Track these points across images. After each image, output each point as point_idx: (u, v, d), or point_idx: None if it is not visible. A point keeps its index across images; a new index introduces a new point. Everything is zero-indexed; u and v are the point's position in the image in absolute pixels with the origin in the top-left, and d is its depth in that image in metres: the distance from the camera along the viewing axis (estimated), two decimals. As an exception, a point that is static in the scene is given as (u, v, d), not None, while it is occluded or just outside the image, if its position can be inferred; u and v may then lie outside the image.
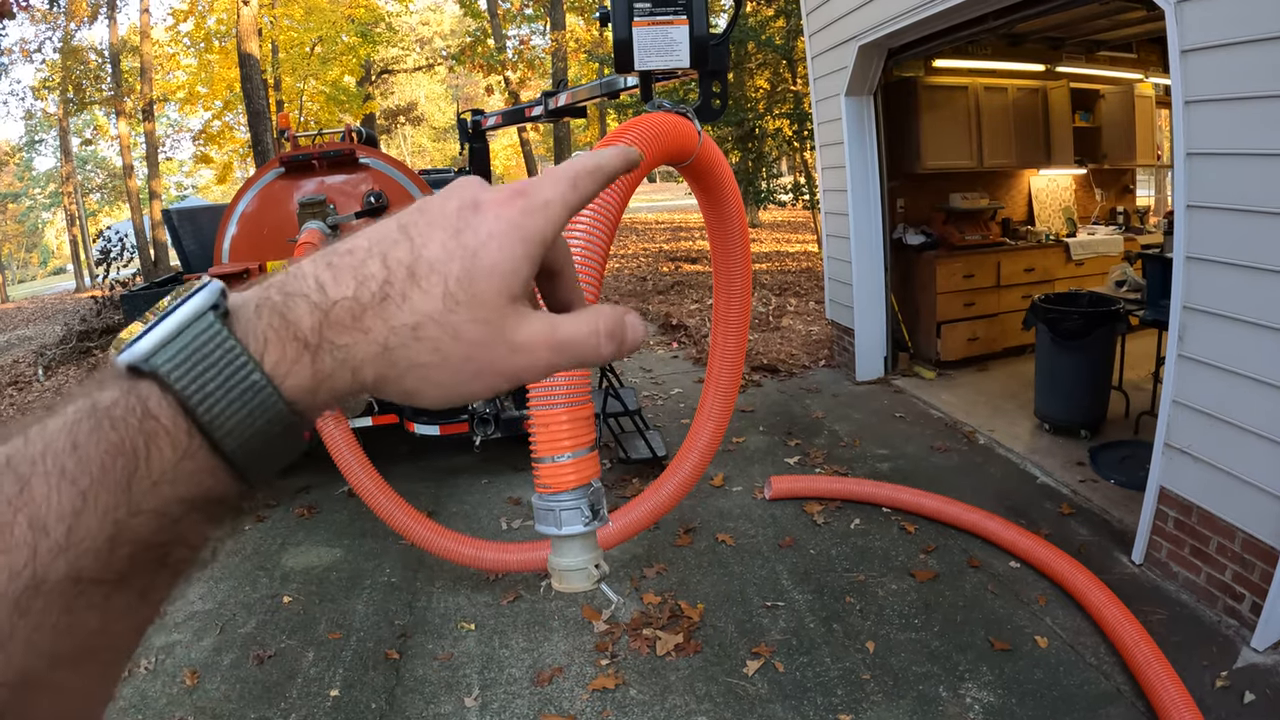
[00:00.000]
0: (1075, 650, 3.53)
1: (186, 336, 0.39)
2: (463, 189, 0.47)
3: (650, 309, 11.73)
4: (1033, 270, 7.74)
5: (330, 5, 25.26)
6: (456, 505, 5.41)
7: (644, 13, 2.12)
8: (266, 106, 15.33)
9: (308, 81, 24.87)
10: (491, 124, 5.29)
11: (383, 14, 26.89)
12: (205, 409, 0.38)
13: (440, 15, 40.90)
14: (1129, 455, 5.22)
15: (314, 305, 0.41)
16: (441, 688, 3.62)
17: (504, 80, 24.84)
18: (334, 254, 0.44)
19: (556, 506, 1.57)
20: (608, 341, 0.48)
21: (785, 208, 17.47)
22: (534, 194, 0.47)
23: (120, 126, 28.19)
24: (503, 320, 0.44)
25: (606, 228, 1.66)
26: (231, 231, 5.18)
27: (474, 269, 0.44)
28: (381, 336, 0.42)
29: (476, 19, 27.49)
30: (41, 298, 31.21)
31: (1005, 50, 7.70)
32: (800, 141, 13.41)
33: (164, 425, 0.37)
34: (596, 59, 19.66)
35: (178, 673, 3.85)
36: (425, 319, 0.42)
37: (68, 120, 33.04)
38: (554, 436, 1.56)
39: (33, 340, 16.88)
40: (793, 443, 6.07)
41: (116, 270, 16.31)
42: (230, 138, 26.76)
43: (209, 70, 25.35)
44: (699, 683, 3.52)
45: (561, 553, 1.60)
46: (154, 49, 25.94)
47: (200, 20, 24.88)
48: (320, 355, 0.41)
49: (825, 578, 4.24)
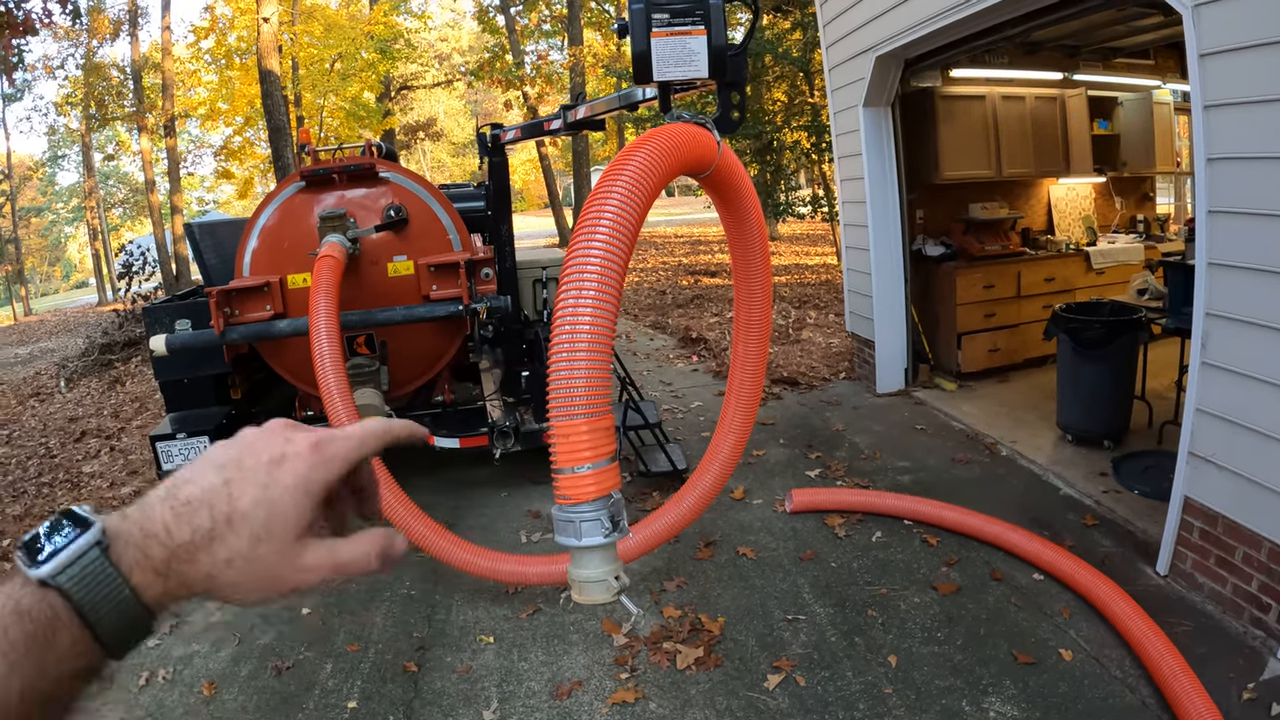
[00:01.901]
0: (1100, 663, 3.49)
1: (82, 564, 0.56)
2: (271, 439, 0.66)
3: (670, 322, 11.73)
4: (1053, 280, 7.69)
5: (350, 22, 25.48)
6: (475, 518, 5.41)
7: (662, 23, 2.12)
8: (287, 122, 15.43)
9: (328, 97, 25.04)
10: (511, 138, 5.31)
11: (402, 30, 27.07)
12: (93, 614, 0.56)
13: (459, 31, 41.22)
14: (1152, 465, 5.17)
15: (163, 545, 0.60)
16: (460, 700, 3.61)
17: (522, 95, 24.96)
18: (175, 500, 0.62)
19: (576, 518, 1.57)
20: (377, 559, 0.68)
21: (804, 220, 17.45)
22: (326, 449, 0.67)
23: (142, 142, 28.53)
24: (293, 551, 0.64)
25: (624, 243, 1.66)
26: (252, 245, 5.20)
27: (272, 516, 0.63)
28: (207, 566, 0.61)
29: (495, 35, 27.70)
30: (64, 311, 31.54)
31: (1022, 59, 7.67)
32: (818, 153, 13.40)
33: (64, 623, 0.55)
34: (614, 73, 19.74)
35: (195, 683, 3.87)
36: (237, 555, 0.61)
37: (90, 136, 33.45)
38: (574, 447, 1.56)
39: (55, 352, 17.04)
40: (813, 455, 6.04)
41: (138, 284, 16.44)
42: (251, 153, 26.98)
43: (230, 86, 25.56)
44: (719, 697, 3.50)
45: (581, 564, 1.60)
46: (175, 65, 26.23)
47: (221, 37, 25.12)
48: (168, 578, 0.60)
49: (847, 591, 4.21)
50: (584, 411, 1.55)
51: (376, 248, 5.20)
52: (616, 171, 1.73)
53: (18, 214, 39.30)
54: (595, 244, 1.62)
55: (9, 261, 36.50)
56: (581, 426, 1.55)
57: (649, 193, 1.74)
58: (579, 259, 1.61)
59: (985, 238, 7.72)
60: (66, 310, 31.81)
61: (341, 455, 0.68)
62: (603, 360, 1.57)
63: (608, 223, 1.65)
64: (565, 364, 1.55)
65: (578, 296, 1.58)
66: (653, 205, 1.83)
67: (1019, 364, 7.65)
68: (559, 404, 1.56)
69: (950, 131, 7.32)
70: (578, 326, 1.56)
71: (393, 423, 0.74)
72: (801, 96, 13.92)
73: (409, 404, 5.79)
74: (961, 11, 5.16)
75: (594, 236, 1.63)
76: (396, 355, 5.34)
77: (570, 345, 1.56)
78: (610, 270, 1.61)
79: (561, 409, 1.56)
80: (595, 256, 1.61)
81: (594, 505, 1.55)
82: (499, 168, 5.66)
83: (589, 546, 1.56)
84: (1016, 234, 8.02)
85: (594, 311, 1.57)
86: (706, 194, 2.43)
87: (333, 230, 4.81)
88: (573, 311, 1.57)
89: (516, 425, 5.27)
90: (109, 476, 7.18)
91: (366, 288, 5.15)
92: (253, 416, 5.84)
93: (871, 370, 7.53)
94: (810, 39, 12.33)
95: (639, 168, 1.74)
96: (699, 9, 2.12)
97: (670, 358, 9.80)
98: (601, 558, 1.57)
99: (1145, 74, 8.26)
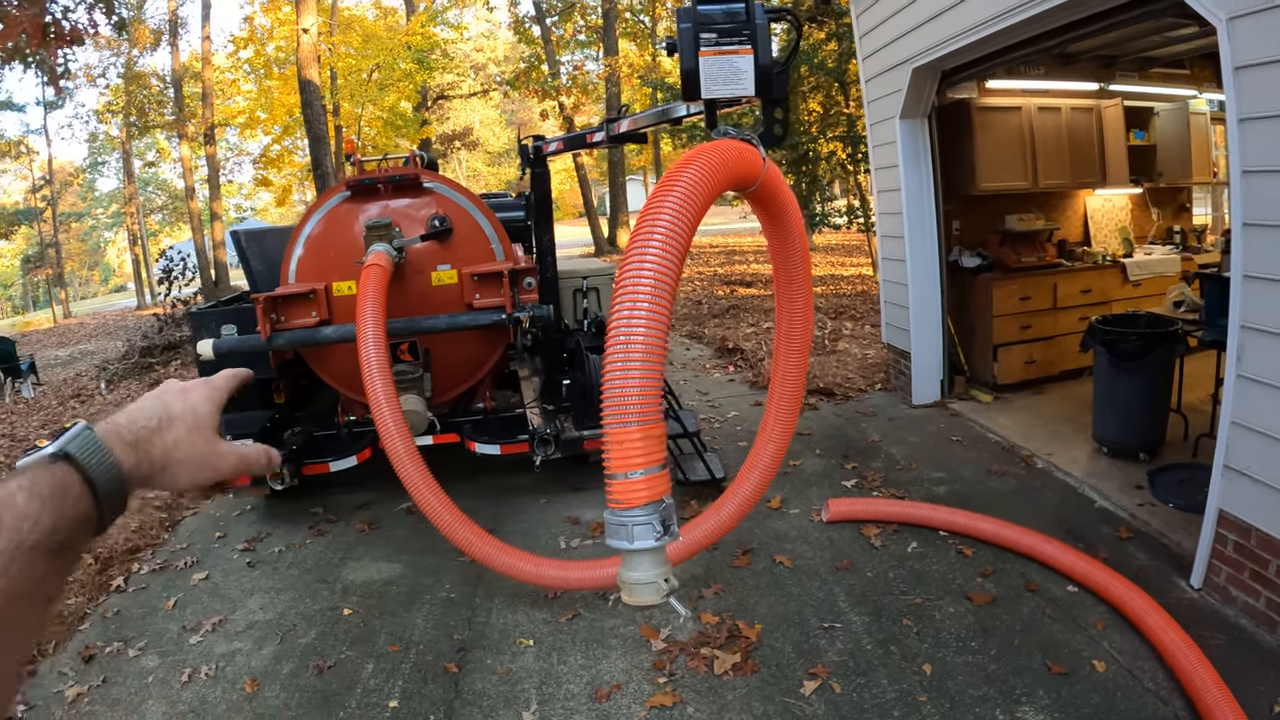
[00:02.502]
0: (1133, 675, 3.49)
1: (81, 440, 0.77)
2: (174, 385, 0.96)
3: (706, 332, 11.75)
4: (1089, 292, 7.66)
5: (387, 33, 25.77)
6: (515, 524, 5.48)
7: (710, 43, 2.18)
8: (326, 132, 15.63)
9: (365, 107, 25.32)
10: (553, 149, 5.38)
11: (438, 41, 27.33)
12: (93, 472, 0.76)
13: (494, 42, 41.53)
14: (1188, 478, 5.15)
15: (131, 431, 0.84)
16: (500, 702, 3.67)
17: (558, 105, 25.12)
18: (130, 411, 0.88)
19: (629, 521, 1.62)
20: (264, 455, 1.01)
21: (839, 231, 17.43)
22: (213, 382, 0.98)
23: (182, 150, 28.95)
24: (214, 442, 0.92)
25: (677, 255, 1.71)
26: (298, 253, 5.30)
27: (197, 416, 0.92)
28: (161, 446, 0.87)
29: (530, 45, 27.90)
30: (103, 314, 31.96)
31: (1058, 70, 7.65)
32: (854, 164, 13.39)
33: (74, 481, 0.74)
34: (649, 84, 19.83)
35: (238, 680, 3.95)
36: (181, 439, 0.89)
37: (130, 143, 33.94)
38: (627, 453, 1.61)
39: (95, 355, 17.31)
40: (849, 466, 6.06)
41: (178, 289, 16.69)
42: (289, 161, 27.31)
43: (269, 96, 25.90)
44: (756, 702, 3.53)
45: (632, 567, 1.65)
46: (215, 75, 26.61)
47: (260, 47, 25.46)
48: (138, 451, 0.83)
49: (882, 600, 4.23)
50: (637, 418, 1.60)
51: (421, 257, 5.29)
52: (669, 186, 1.79)
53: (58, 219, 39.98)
54: (649, 256, 1.67)
55: (49, 265, 37.14)
56: (635, 433, 1.60)
57: (700, 206, 1.80)
58: (634, 270, 1.66)
59: (1021, 249, 7.71)
60: (105, 314, 32.25)
61: (223, 384, 0.99)
62: (655, 369, 1.62)
63: (661, 235, 1.70)
64: (619, 372, 1.61)
65: (632, 306, 1.63)
66: (703, 218, 1.88)
67: (1055, 376, 7.62)
68: (613, 411, 1.61)
69: (986, 143, 7.31)
70: (632, 336, 1.61)
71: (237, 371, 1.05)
72: (837, 107, 13.92)
73: (450, 410, 5.87)
74: (998, 24, 5.18)
75: (648, 248, 1.68)
76: (439, 362, 5.42)
77: (625, 354, 1.61)
78: (663, 282, 1.67)
79: (615, 416, 1.61)
80: (649, 268, 1.66)
81: (646, 510, 1.60)
82: (541, 178, 5.73)
83: (640, 549, 1.61)
84: (1053, 245, 7.99)
85: (648, 321, 1.62)
86: (750, 208, 2.47)
87: (378, 239, 4.90)
88: (627, 321, 1.62)
89: (557, 433, 5.33)
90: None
91: (411, 296, 5.23)
92: (296, 421, 5.95)
93: (907, 382, 7.54)
94: (845, 50, 12.36)
95: (690, 182, 1.80)
96: (746, 29, 2.18)
97: (707, 367, 9.84)
98: (652, 560, 1.62)
99: (1181, 84, 8.21)
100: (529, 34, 27.85)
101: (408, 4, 28.87)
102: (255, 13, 25.43)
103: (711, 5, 2.18)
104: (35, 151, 35.70)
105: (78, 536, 0.74)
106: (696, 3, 2.18)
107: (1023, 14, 4.93)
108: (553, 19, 27.56)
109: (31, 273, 42.21)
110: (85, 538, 0.75)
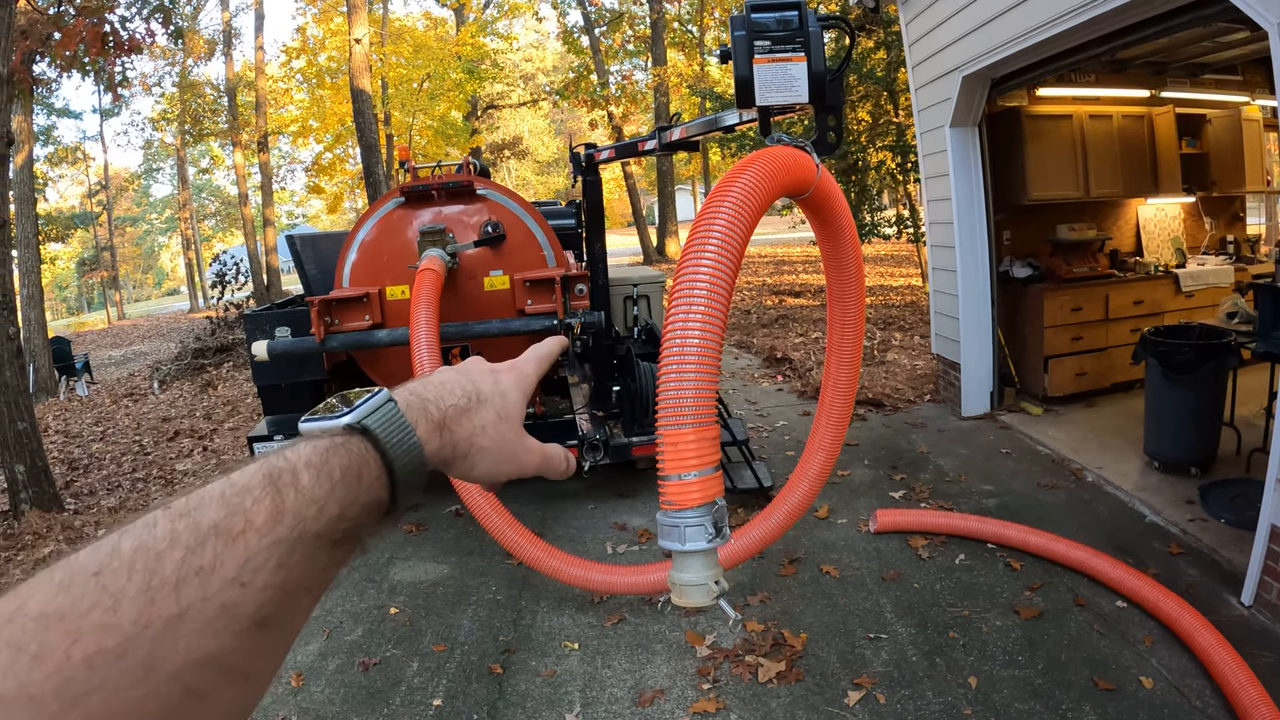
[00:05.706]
0: (1180, 692, 3.44)
1: (383, 413, 0.66)
2: (481, 364, 0.85)
3: (755, 342, 11.77)
4: (1141, 303, 7.56)
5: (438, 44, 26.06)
6: (563, 529, 5.52)
7: (764, 50, 2.19)
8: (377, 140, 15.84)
9: (416, 116, 25.61)
10: (605, 158, 5.42)
11: (488, 51, 27.60)
12: (392, 453, 0.65)
13: (543, 52, 41.82)
14: (1240, 493, 5.05)
15: (438, 408, 0.72)
16: (543, 703, 3.70)
17: (607, 115, 25.25)
18: (433, 384, 0.76)
19: (681, 523, 1.63)
20: (565, 461, 0.88)
21: (889, 241, 17.33)
22: (522, 368, 0.86)
23: (236, 157, 29.47)
24: (519, 433, 0.80)
25: (732, 260, 1.73)
26: (352, 258, 5.38)
27: (506, 401, 0.79)
28: (468, 430, 0.75)
29: (579, 55, 28.07)
30: (156, 317, 32.61)
31: (1108, 77, 7.57)
32: (903, 174, 13.31)
33: (369, 461, 0.63)
34: (698, 93, 19.86)
35: (283, 673, 4.01)
36: (489, 424, 0.77)
37: (184, 150, 34.64)
38: (681, 455, 1.63)
39: (148, 356, 17.67)
40: (897, 477, 6.03)
41: (231, 293, 17.00)
42: (341, 169, 27.69)
43: (320, 105, 26.28)
44: (800, 711, 3.53)
45: (683, 568, 1.66)
46: (268, 84, 27.05)
47: (312, 57, 25.84)
48: (443, 433, 0.72)
49: (929, 612, 4.21)
50: (692, 421, 1.62)
51: (473, 262, 5.35)
52: (724, 192, 1.80)
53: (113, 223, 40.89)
54: (704, 260, 1.69)
55: (104, 268, 38.03)
56: (689, 435, 1.61)
57: (754, 212, 1.81)
58: (689, 275, 1.68)
59: (1073, 259, 7.62)
60: (159, 316, 32.93)
61: (533, 371, 0.88)
62: (710, 373, 1.64)
63: (716, 240, 1.71)
64: (675, 375, 1.62)
65: (688, 311, 1.65)
66: (758, 224, 1.89)
67: (1106, 388, 7.52)
68: (668, 413, 1.62)
69: (1037, 151, 7.25)
70: (688, 340, 1.63)
71: (552, 341, 0.98)
72: (885, 116, 13.83)
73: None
74: (1048, 31, 5.14)
75: (703, 253, 1.70)
76: (491, 367, 5.46)
77: (680, 357, 1.62)
78: (718, 286, 1.68)
79: (670, 418, 1.63)
80: (704, 272, 1.68)
81: (698, 511, 1.61)
82: (593, 186, 5.77)
83: (692, 551, 1.63)
84: (1104, 255, 7.89)
85: (703, 325, 1.64)
86: (804, 215, 2.48)
87: (432, 244, 4.96)
88: (683, 325, 1.64)
89: (606, 439, 5.36)
90: (203, 475, 7.43)
91: (463, 301, 5.30)
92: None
93: (956, 393, 7.48)
94: (894, 58, 12.28)
95: (745, 188, 1.81)
96: (799, 36, 2.19)
97: (755, 376, 9.85)
98: (704, 562, 1.63)
99: (1233, 90, 8.07)
100: (577, 44, 28.05)
101: (458, 15, 29.20)
102: (307, 23, 25.88)
103: (765, 13, 2.20)
104: (91, 158, 36.62)
105: (365, 526, 0.64)
106: (750, 11, 2.19)
107: (1073, 20, 4.89)
108: (601, 29, 27.73)
109: (87, 275, 43.28)
110: (373, 527, 0.66)
